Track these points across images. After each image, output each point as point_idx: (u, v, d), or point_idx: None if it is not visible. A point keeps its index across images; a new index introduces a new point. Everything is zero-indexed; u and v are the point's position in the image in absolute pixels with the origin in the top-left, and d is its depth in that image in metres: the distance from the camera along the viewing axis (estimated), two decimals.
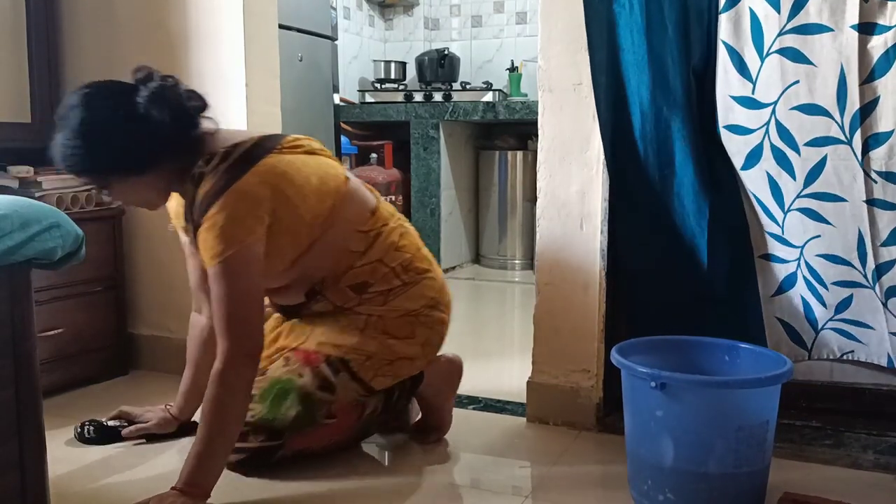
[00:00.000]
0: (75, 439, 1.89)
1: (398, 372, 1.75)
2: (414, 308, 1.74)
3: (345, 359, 1.69)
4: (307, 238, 1.64)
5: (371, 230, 1.72)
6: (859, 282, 1.76)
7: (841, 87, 1.63)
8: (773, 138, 1.73)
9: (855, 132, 1.63)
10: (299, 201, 1.60)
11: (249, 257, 1.52)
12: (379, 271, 1.71)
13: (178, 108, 1.55)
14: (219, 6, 2.31)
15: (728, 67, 1.74)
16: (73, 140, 1.51)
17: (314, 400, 1.67)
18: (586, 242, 1.93)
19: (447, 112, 3.58)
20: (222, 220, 1.50)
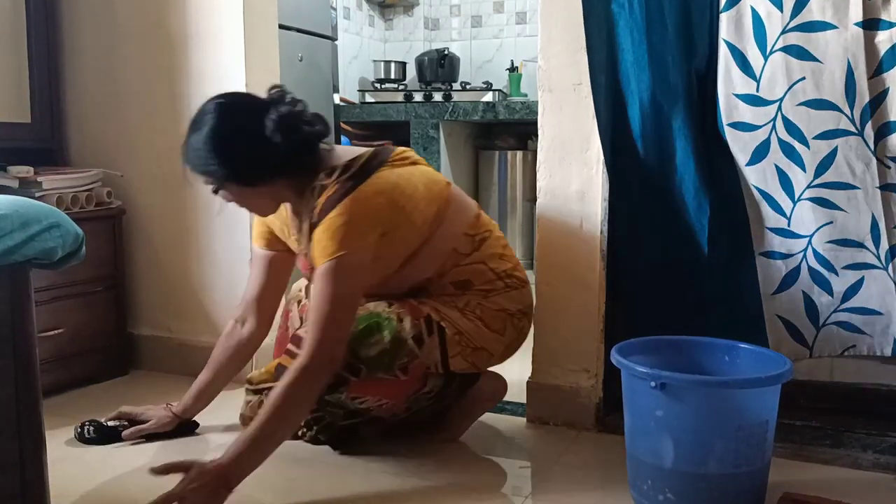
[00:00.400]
0: (75, 439, 1.90)
1: (476, 361, 1.77)
2: (511, 308, 1.79)
3: (441, 324, 1.72)
4: (418, 240, 1.72)
5: (476, 234, 1.80)
6: (872, 263, 1.78)
7: (849, 82, 1.66)
8: (780, 133, 1.74)
9: (866, 123, 1.67)
10: (411, 208, 1.69)
11: (357, 263, 1.60)
12: (484, 274, 1.78)
13: (300, 133, 1.64)
14: (219, 6, 2.31)
15: (730, 66, 1.75)
16: (199, 144, 1.61)
17: (404, 347, 1.68)
18: (586, 242, 1.93)
19: (447, 112, 3.58)
20: (339, 223, 1.59)
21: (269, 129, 1.60)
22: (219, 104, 1.64)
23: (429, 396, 1.77)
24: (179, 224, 2.44)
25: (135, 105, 2.47)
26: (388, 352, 1.67)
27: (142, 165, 2.47)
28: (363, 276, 1.63)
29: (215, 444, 1.90)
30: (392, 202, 1.66)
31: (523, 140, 3.98)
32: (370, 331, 1.67)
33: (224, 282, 2.40)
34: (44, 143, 2.48)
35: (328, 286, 1.58)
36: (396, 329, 1.68)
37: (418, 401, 1.76)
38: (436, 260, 1.75)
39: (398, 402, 1.74)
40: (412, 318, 1.70)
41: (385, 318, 1.69)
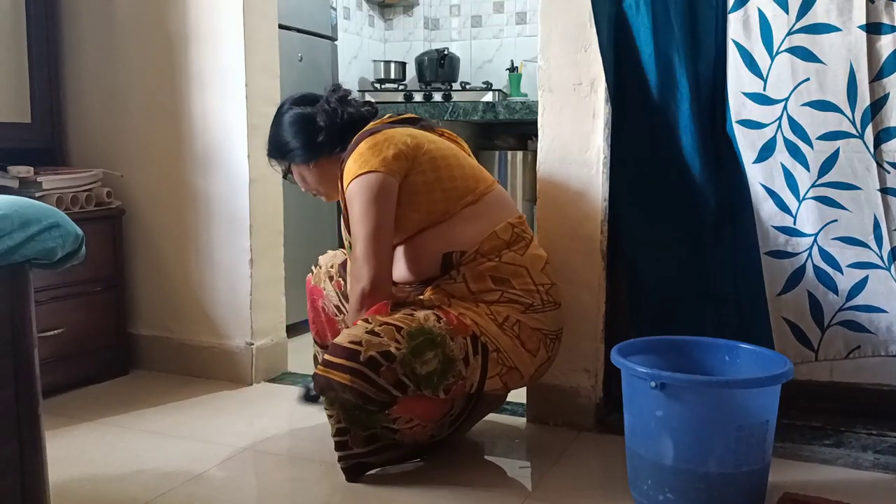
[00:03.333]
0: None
1: (507, 381, 1.71)
2: (545, 329, 1.74)
3: (482, 340, 1.66)
4: (442, 201, 1.73)
5: (517, 226, 1.76)
6: (875, 263, 1.78)
7: (851, 85, 1.68)
8: (785, 132, 1.76)
9: (867, 127, 1.69)
10: (444, 164, 1.74)
11: (385, 185, 1.66)
12: (525, 282, 1.72)
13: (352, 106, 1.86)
14: (219, 6, 2.31)
15: (739, 65, 1.78)
16: (277, 133, 1.88)
17: (453, 368, 1.62)
18: (586, 242, 1.93)
19: (447, 112, 3.57)
20: (364, 149, 1.69)
21: (329, 107, 1.83)
22: (287, 103, 1.92)
23: (451, 419, 1.72)
24: (179, 224, 2.44)
25: (135, 105, 2.47)
26: (438, 372, 1.60)
27: (142, 165, 2.47)
28: (390, 197, 1.67)
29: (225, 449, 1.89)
30: (421, 148, 1.72)
31: (523, 140, 3.97)
32: (423, 348, 1.60)
33: (224, 282, 2.40)
34: (44, 143, 2.48)
35: (359, 201, 1.66)
36: (448, 348, 1.62)
37: (441, 427, 1.72)
38: (471, 229, 1.72)
39: (426, 427, 1.68)
40: (461, 335, 1.64)
41: (437, 336, 1.61)
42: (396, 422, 1.64)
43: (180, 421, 2.06)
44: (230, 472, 1.75)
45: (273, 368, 2.44)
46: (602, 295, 1.93)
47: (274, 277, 2.47)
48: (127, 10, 2.45)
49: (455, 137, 1.92)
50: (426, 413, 1.66)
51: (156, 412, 2.12)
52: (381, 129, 1.75)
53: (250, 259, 2.36)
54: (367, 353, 1.56)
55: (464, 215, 1.73)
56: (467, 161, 1.82)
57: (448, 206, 1.72)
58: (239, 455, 1.83)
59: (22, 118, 2.42)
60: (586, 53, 1.88)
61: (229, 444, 1.88)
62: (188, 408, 2.16)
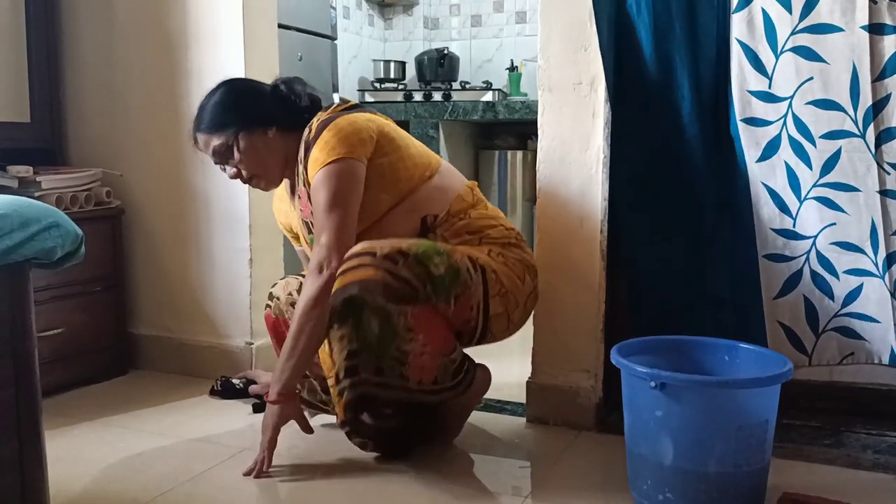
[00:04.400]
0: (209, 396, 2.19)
1: (507, 304, 1.76)
2: (525, 260, 1.82)
3: (479, 264, 1.73)
4: (411, 177, 1.77)
5: (474, 189, 1.87)
6: (870, 270, 1.78)
7: (854, 84, 1.70)
8: (790, 130, 1.77)
9: (868, 126, 1.70)
10: (403, 146, 1.78)
11: (352, 168, 1.69)
12: (497, 228, 1.82)
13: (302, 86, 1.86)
14: (219, 6, 2.31)
15: (743, 64, 1.79)
16: (217, 102, 1.80)
17: (460, 275, 1.68)
18: (586, 242, 1.93)
19: (447, 112, 3.57)
20: (329, 136, 1.69)
21: (282, 85, 1.83)
22: (227, 78, 1.88)
23: (454, 368, 1.71)
24: (179, 224, 2.44)
25: (134, 105, 2.47)
26: (448, 276, 1.67)
27: (142, 165, 2.47)
28: (360, 184, 1.70)
29: (228, 449, 1.89)
30: (381, 131, 1.75)
31: (523, 140, 3.97)
32: (430, 254, 1.67)
33: (223, 282, 2.40)
34: (43, 143, 2.48)
35: (328, 189, 1.67)
36: (452, 258, 1.69)
37: (445, 373, 1.69)
38: (444, 197, 1.79)
39: (433, 363, 1.67)
40: (460, 255, 1.72)
41: (441, 248, 1.70)
42: (411, 343, 1.63)
43: (180, 421, 2.06)
44: (230, 472, 1.75)
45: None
46: (602, 295, 1.93)
47: (274, 277, 2.46)
48: (127, 10, 2.45)
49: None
50: (436, 337, 1.67)
51: (156, 412, 2.12)
52: (339, 116, 1.76)
53: (250, 259, 2.36)
54: (382, 251, 1.63)
55: (427, 187, 1.79)
56: (413, 139, 1.88)
57: (412, 183, 1.78)
58: (239, 455, 1.83)
59: (21, 118, 2.42)
60: (586, 53, 1.88)
61: (229, 444, 1.88)
62: (188, 408, 2.16)
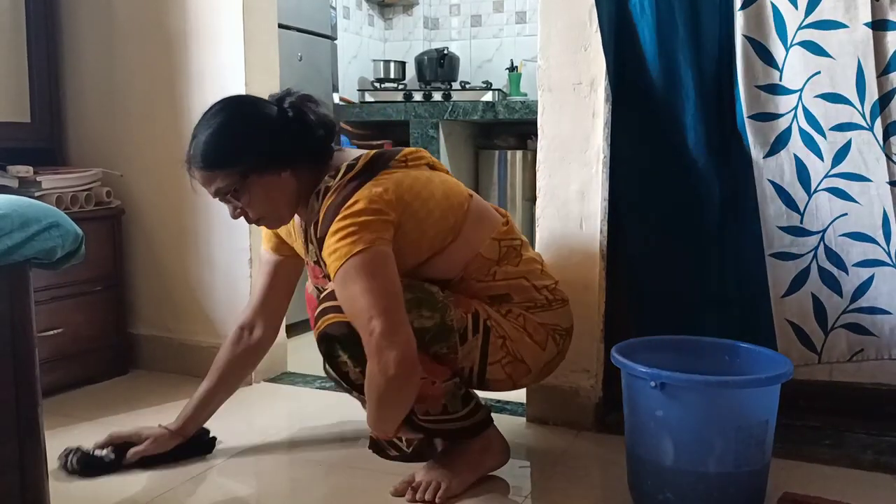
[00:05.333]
0: (59, 470, 1.70)
1: (512, 373, 1.65)
2: (552, 324, 1.68)
3: (488, 324, 1.59)
4: (428, 251, 1.59)
5: (503, 239, 1.66)
6: (882, 259, 1.80)
7: (859, 79, 1.72)
8: (801, 122, 1.79)
9: (875, 119, 1.73)
10: (424, 214, 1.56)
11: (381, 256, 1.47)
12: (525, 290, 1.65)
13: (320, 115, 1.60)
14: (219, 6, 2.31)
15: (752, 59, 1.80)
16: (216, 136, 1.55)
17: (448, 337, 1.56)
18: (586, 242, 1.93)
19: (447, 111, 3.57)
20: (348, 225, 1.47)
21: (289, 110, 1.58)
22: (226, 101, 1.62)
23: (460, 390, 1.59)
24: (179, 224, 2.44)
25: (134, 105, 2.47)
26: (431, 332, 1.54)
27: (142, 165, 2.47)
28: (392, 265, 1.48)
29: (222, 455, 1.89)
30: (402, 203, 1.53)
31: (523, 140, 3.97)
32: (421, 304, 1.54)
33: (223, 282, 2.40)
34: (43, 143, 2.47)
35: (364, 283, 1.44)
36: (447, 316, 1.55)
37: (454, 399, 1.58)
38: (457, 265, 1.62)
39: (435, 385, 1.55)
40: (462, 309, 1.58)
41: (439, 300, 1.56)
42: None
43: None
44: (230, 472, 1.75)
45: (273, 368, 2.44)
46: (602, 295, 1.93)
47: None
48: (127, 10, 2.45)
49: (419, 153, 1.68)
50: (429, 365, 1.55)
51: (156, 412, 2.11)
52: (350, 189, 1.53)
53: (250, 259, 2.36)
54: None
55: (437, 258, 1.61)
56: (438, 188, 1.62)
57: (422, 258, 1.60)
58: (239, 455, 1.83)
59: (21, 118, 2.42)
60: (586, 53, 1.88)
61: (229, 444, 1.88)
62: None
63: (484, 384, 1.66)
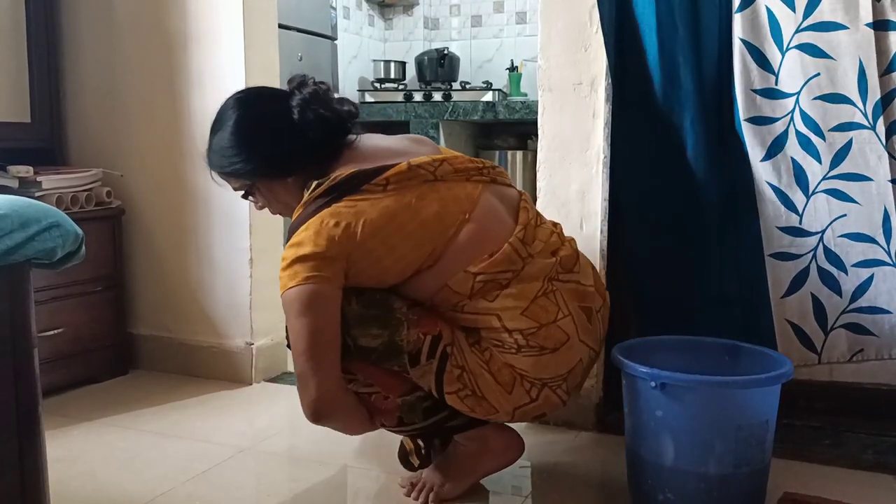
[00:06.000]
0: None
1: (476, 409, 1.49)
2: (521, 369, 1.49)
3: (447, 351, 1.47)
4: (395, 279, 1.49)
5: (482, 273, 1.46)
6: (882, 259, 1.80)
7: (861, 79, 1.72)
8: (797, 125, 1.79)
9: (878, 119, 1.73)
10: (384, 252, 1.44)
11: (312, 295, 1.41)
12: (491, 328, 1.48)
13: (331, 112, 1.54)
14: (218, 6, 2.31)
15: (748, 63, 1.80)
16: (224, 142, 1.55)
17: (395, 358, 1.47)
18: (586, 242, 1.93)
19: (447, 112, 3.57)
20: (290, 253, 1.43)
21: (296, 111, 1.51)
22: (237, 99, 1.59)
23: (423, 402, 1.51)
24: (179, 224, 2.44)
25: (135, 105, 2.47)
26: (377, 351, 1.46)
27: (142, 165, 2.47)
28: (326, 305, 1.42)
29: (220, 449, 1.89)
30: (350, 237, 1.41)
31: (523, 140, 3.97)
32: (371, 321, 1.46)
33: (223, 282, 2.40)
34: (44, 143, 2.48)
35: (292, 319, 1.43)
36: (398, 335, 1.46)
37: (412, 411, 1.52)
38: (425, 292, 1.50)
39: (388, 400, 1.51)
40: (421, 330, 1.46)
41: (394, 316, 1.46)
42: (353, 383, 1.50)
43: (180, 421, 2.06)
44: (230, 472, 1.75)
45: (273, 368, 2.44)
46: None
47: (274, 277, 2.42)
48: (127, 10, 2.45)
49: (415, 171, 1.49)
50: (384, 379, 1.50)
51: (156, 412, 2.12)
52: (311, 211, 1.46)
53: (250, 259, 2.36)
54: None
55: (416, 280, 1.49)
56: (417, 216, 1.46)
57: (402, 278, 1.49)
58: (239, 455, 1.83)
59: (22, 118, 2.42)
60: (586, 53, 1.88)
61: (229, 444, 1.88)
62: (188, 408, 2.16)
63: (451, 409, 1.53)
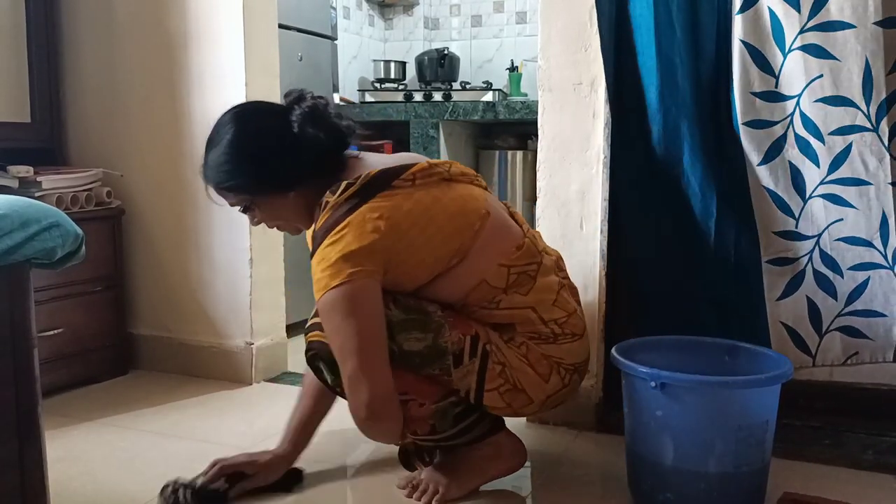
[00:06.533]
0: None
1: (512, 402, 1.55)
2: (558, 358, 1.58)
3: (487, 348, 1.52)
4: (427, 276, 1.51)
5: (514, 265, 1.54)
6: (879, 262, 1.78)
7: (866, 79, 1.70)
8: (797, 128, 1.77)
9: (882, 119, 1.71)
10: (422, 242, 1.47)
11: (359, 291, 1.41)
12: (528, 320, 1.55)
13: (330, 126, 1.54)
14: (219, 6, 2.31)
15: (748, 65, 1.78)
16: (221, 157, 1.53)
17: (440, 359, 1.49)
18: (586, 242, 1.93)
19: (447, 112, 3.57)
20: (332, 253, 1.42)
21: (295, 125, 1.51)
22: (235, 114, 1.57)
23: (455, 408, 1.53)
24: (179, 224, 2.44)
25: (134, 105, 2.47)
26: (421, 354, 1.48)
27: (142, 165, 2.47)
28: (374, 302, 1.43)
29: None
30: (395, 229, 1.45)
31: (523, 140, 3.97)
32: (413, 325, 1.48)
33: (223, 282, 2.40)
34: (44, 143, 2.48)
35: (338, 319, 1.41)
36: (441, 337, 1.49)
37: (444, 418, 1.53)
38: (459, 290, 1.53)
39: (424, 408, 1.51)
40: (460, 330, 1.50)
41: (434, 320, 1.49)
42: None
43: (180, 421, 2.06)
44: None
45: (273, 368, 2.44)
46: (602, 295, 1.93)
47: (274, 277, 2.47)
48: (127, 10, 2.45)
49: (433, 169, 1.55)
50: (416, 389, 1.51)
51: (156, 412, 2.12)
52: (344, 211, 1.46)
53: (250, 259, 2.36)
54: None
55: (450, 275, 1.52)
56: (444, 210, 1.51)
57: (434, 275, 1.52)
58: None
59: (22, 118, 2.42)
60: (586, 53, 1.88)
61: (229, 444, 1.88)
62: (188, 408, 2.16)
63: (482, 408, 1.57)
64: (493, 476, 1.64)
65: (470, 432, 1.57)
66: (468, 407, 1.55)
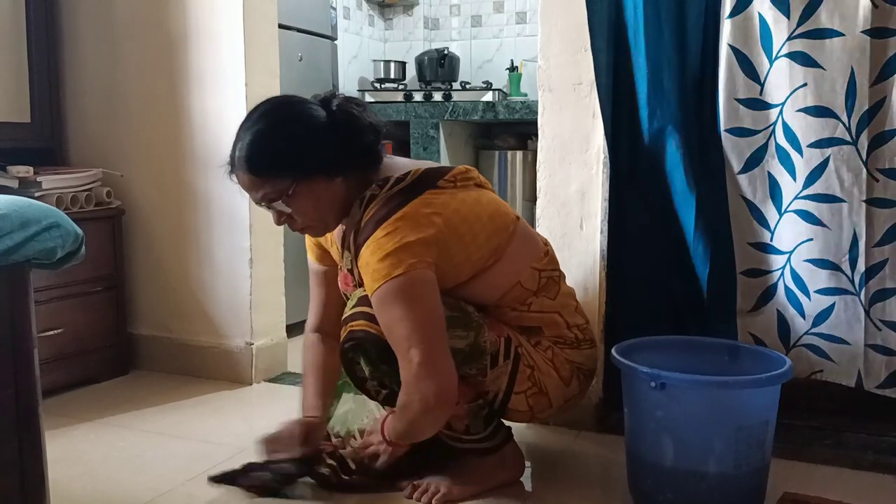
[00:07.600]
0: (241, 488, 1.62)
1: (535, 407, 1.60)
2: (579, 363, 1.65)
3: (518, 352, 1.56)
4: (469, 273, 1.55)
5: (544, 269, 1.62)
6: (845, 288, 1.75)
7: (850, 89, 1.67)
8: (778, 138, 1.75)
9: (861, 132, 1.68)
10: (470, 238, 1.52)
11: (421, 281, 1.43)
12: (555, 324, 1.62)
13: (369, 117, 1.55)
14: (219, 6, 2.31)
15: (735, 71, 1.76)
16: (268, 139, 1.48)
17: (479, 359, 1.52)
18: (586, 242, 1.93)
19: (447, 112, 3.57)
20: (389, 244, 1.43)
21: (338, 113, 1.51)
22: (275, 102, 1.55)
23: (483, 410, 1.56)
24: (179, 224, 2.44)
25: (135, 105, 2.47)
26: (464, 353, 1.50)
27: (142, 165, 2.47)
28: (434, 290, 1.44)
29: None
30: (449, 226, 1.49)
31: (523, 140, 3.97)
32: (456, 324, 1.49)
33: (223, 282, 2.40)
34: (44, 143, 2.48)
35: (402, 309, 1.41)
36: (481, 336, 1.52)
37: (476, 416, 1.56)
38: (496, 290, 1.58)
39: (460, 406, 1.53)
40: (495, 332, 1.55)
41: (474, 319, 1.53)
42: None
43: (180, 421, 2.06)
44: None
45: (273, 368, 2.44)
46: (602, 295, 1.93)
47: (274, 277, 2.47)
48: (127, 10, 2.45)
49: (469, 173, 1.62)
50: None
51: (156, 412, 2.12)
52: (396, 204, 1.48)
53: (250, 259, 2.36)
54: None
55: (489, 274, 1.56)
56: (485, 210, 1.57)
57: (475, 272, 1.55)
58: (239, 455, 1.82)
59: (22, 118, 2.42)
60: (586, 53, 1.88)
61: (229, 444, 1.88)
62: (188, 408, 2.16)
63: (504, 413, 1.61)
64: (497, 484, 1.65)
65: (493, 439, 1.61)
66: (491, 412, 1.59)
